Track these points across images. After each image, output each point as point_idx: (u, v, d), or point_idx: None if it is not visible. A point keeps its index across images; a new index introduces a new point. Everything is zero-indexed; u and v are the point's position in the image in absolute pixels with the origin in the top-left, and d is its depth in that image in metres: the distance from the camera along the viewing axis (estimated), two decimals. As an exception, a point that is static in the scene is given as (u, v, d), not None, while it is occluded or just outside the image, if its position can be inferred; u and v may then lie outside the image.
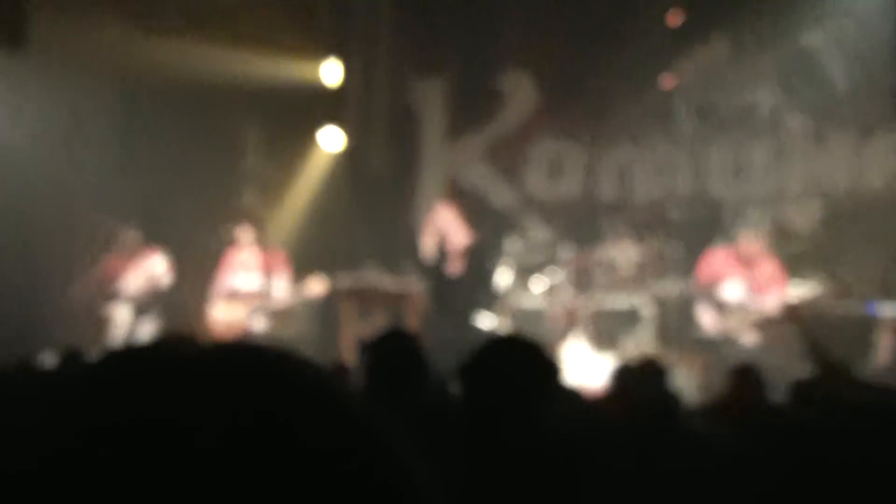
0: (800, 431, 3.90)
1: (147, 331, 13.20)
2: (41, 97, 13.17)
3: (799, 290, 12.23)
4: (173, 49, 14.00)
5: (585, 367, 11.75)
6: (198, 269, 13.65)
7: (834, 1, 13.44)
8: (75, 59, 13.25)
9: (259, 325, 13.13)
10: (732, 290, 12.35)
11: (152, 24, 14.17)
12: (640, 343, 12.64)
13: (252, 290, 13.26)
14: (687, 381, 10.91)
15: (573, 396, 7.10)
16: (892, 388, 7.08)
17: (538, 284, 13.30)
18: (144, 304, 13.35)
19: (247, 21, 14.49)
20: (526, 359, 4.09)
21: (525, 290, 13.32)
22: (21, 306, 13.08)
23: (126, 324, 13.27)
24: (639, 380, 6.44)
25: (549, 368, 4.13)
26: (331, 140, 14.96)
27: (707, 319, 12.48)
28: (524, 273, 13.44)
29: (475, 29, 14.56)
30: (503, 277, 13.37)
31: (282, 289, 13.25)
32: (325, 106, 14.85)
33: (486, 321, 13.00)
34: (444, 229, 13.18)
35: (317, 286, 13.19)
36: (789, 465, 3.53)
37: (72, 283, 13.36)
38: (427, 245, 13.40)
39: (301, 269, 13.46)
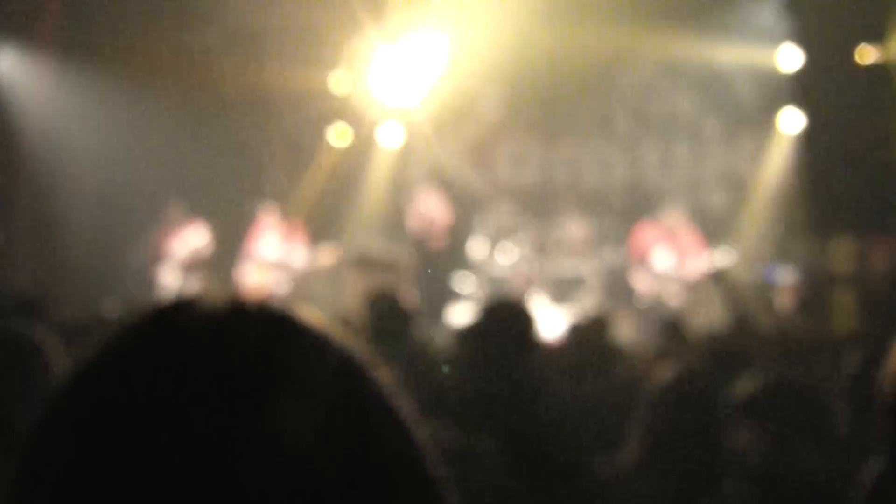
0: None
1: (190, 289, 13.18)
2: (112, 101, 13.13)
3: (719, 258, 12.34)
4: (212, 62, 13.98)
5: (544, 321, 11.77)
6: (232, 239, 13.68)
7: (740, 29, 13.46)
8: (138, 70, 13.20)
9: (282, 287, 13.16)
10: (660, 258, 12.39)
11: (198, 42, 14.20)
12: (587, 303, 12.75)
13: (276, 258, 13.27)
14: (625, 334, 10.98)
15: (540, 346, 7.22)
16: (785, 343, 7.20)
17: (505, 255, 13.35)
18: (188, 267, 13.34)
19: (273, 39, 14.45)
20: (522, 319, 4.24)
21: (495, 259, 13.34)
22: (95, 267, 13.11)
23: (173, 283, 13.28)
24: (588, 334, 6.51)
25: (535, 327, 4.27)
26: (341, 136, 14.92)
27: (640, 283, 12.55)
28: (493, 245, 13.51)
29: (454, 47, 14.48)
30: (476, 249, 13.43)
31: (300, 256, 13.24)
32: (337, 108, 14.81)
33: (464, 285, 13.04)
34: (430, 211, 13.17)
35: (327, 255, 13.21)
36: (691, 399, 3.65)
37: (133, 248, 13.39)
38: (413, 224, 13.37)
39: (316, 241, 13.51)
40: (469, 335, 4.27)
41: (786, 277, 11.93)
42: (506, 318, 4.17)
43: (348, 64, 14.30)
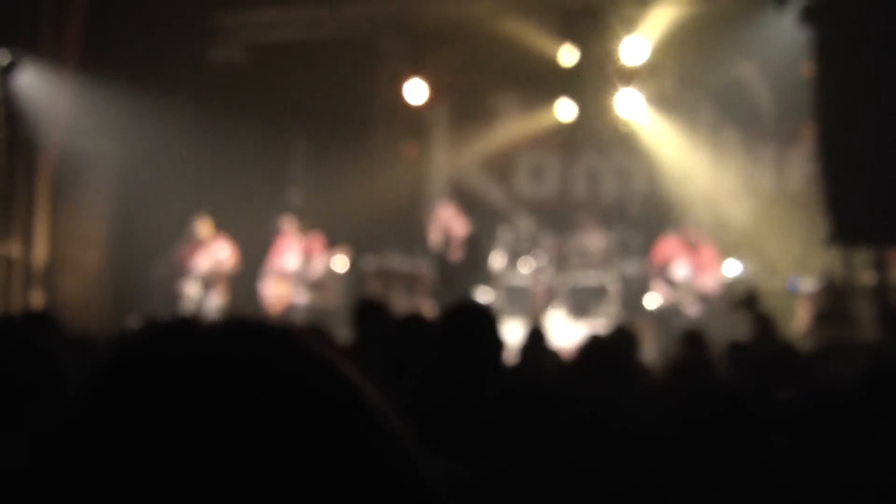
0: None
1: (213, 303, 13.19)
2: (135, 116, 13.09)
3: (736, 269, 12.25)
4: (240, 79, 13.99)
5: (564, 334, 11.67)
6: (254, 252, 13.64)
7: (759, 39, 13.35)
8: (163, 86, 13.16)
9: (301, 298, 13.13)
10: (680, 270, 12.31)
11: (222, 58, 14.23)
12: (607, 313, 12.63)
13: (295, 270, 13.25)
14: (644, 344, 10.88)
15: (554, 355, 7.11)
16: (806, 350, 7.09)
17: (525, 266, 13.28)
18: (211, 282, 13.31)
19: (296, 57, 14.46)
20: (483, 320, 4.17)
21: (514, 270, 13.29)
22: (117, 280, 13.10)
23: (196, 297, 13.25)
24: (607, 344, 6.40)
25: (493, 324, 4.20)
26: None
27: (660, 294, 12.46)
28: (513, 256, 13.45)
29: (472, 60, 14.42)
30: (497, 260, 13.33)
31: (321, 268, 13.24)
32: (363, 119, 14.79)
33: (483, 296, 12.96)
34: (447, 223, 13.11)
35: (341, 259, 13.20)
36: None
37: (156, 262, 13.35)
38: (433, 236, 13.32)
39: (335, 250, 13.49)
40: (432, 342, 4.20)
41: (806, 287, 11.82)
42: (463, 320, 4.11)
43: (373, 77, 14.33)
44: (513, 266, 13.32)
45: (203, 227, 13.32)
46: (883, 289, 10.73)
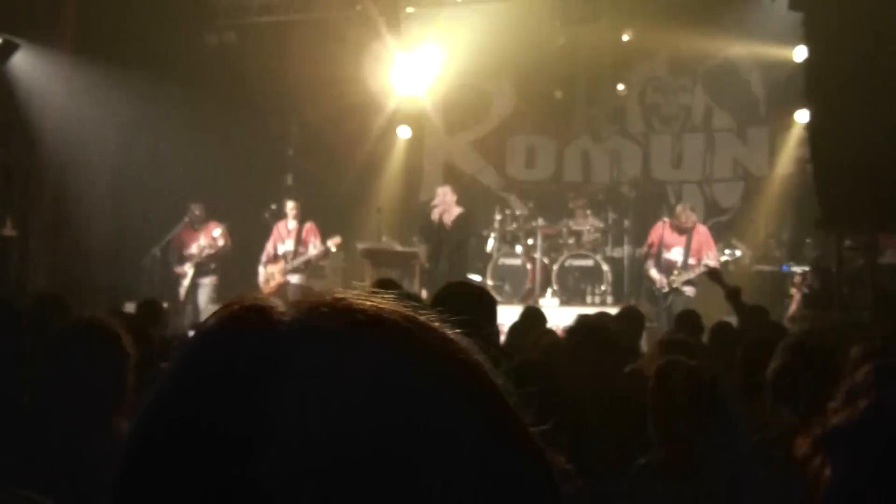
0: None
1: (207, 285, 13.29)
2: (130, 99, 13.12)
3: (727, 254, 12.35)
4: (234, 62, 13.98)
5: (557, 316, 11.71)
6: (251, 235, 13.73)
7: (752, 23, 13.41)
8: (157, 70, 13.16)
9: (295, 279, 13.24)
10: (674, 253, 12.39)
11: (215, 42, 14.23)
12: (601, 296, 12.75)
13: (290, 252, 13.31)
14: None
15: (551, 332, 7.23)
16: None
17: (518, 248, 13.37)
18: (205, 265, 13.38)
19: (289, 40, 14.44)
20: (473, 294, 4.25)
21: (507, 252, 13.35)
22: (112, 266, 13.14)
23: (191, 278, 13.33)
24: (595, 324, 6.50)
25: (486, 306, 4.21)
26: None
27: (654, 276, 12.56)
28: (507, 239, 13.56)
29: (466, 43, 14.43)
30: (490, 242, 13.43)
31: (315, 251, 13.31)
32: (356, 105, 14.77)
33: (477, 279, 12.99)
34: (443, 205, 13.13)
35: (334, 242, 13.28)
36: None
37: (152, 245, 13.40)
38: (434, 217, 13.34)
39: (328, 235, 13.56)
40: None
41: (799, 271, 11.94)
42: (454, 297, 4.09)
43: (365, 61, 14.33)
44: (506, 248, 13.39)
45: (198, 209, 13.40)
46: (873, 272, 10.79)
